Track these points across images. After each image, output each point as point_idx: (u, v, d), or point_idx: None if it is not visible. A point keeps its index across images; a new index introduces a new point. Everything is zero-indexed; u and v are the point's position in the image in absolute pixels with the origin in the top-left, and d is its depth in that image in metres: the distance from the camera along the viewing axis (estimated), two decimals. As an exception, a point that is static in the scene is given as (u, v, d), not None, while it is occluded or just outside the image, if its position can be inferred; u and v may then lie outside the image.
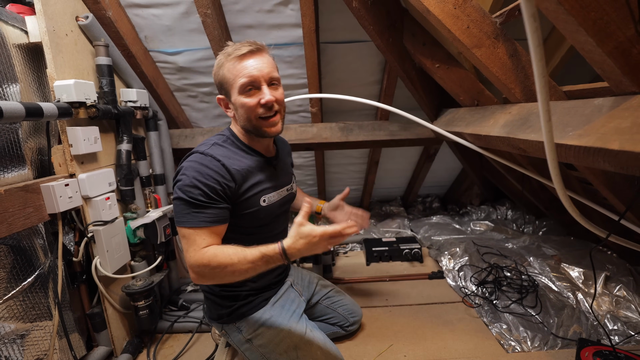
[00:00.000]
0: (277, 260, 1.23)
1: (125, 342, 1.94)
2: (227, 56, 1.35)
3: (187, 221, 1.29)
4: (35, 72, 1.67)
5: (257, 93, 1.35)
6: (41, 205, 1.53)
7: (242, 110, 1.37)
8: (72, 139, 1.64)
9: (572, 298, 2.06)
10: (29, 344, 1.51)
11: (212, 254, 1.26)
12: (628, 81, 0.85)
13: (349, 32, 2.13)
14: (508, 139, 1.34)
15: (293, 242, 1.21)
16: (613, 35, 0.79)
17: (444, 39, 1.86)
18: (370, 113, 2.77)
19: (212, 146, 1.39)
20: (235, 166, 1.37)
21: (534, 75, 0.84)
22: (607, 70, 0.88)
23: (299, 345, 1.47)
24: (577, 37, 0.84)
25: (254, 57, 1.34)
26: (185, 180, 1.29)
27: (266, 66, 1.35)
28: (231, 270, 1.25)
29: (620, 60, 0.82)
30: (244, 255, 1.24)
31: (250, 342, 1.51)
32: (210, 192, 1.30)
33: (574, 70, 2.30)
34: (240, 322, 1.54)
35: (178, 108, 2.60)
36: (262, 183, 1.46)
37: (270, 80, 1.37)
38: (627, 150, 0.78)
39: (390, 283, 2.49)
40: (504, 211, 3.60)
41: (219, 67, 1.38)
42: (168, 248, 2.27)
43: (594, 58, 0.87)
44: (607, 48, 0.80)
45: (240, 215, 1.42)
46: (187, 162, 1.34)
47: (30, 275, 1.52)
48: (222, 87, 1.41)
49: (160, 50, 2.19)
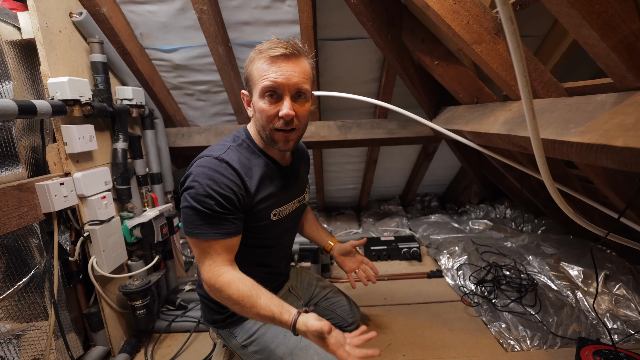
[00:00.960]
0: (284, 326, 1.18)
1: (123, 342, 1.92)
2: (259, 52, 1.23)
3: (201, 233, 1.23)
4: (28, 69, 1.64)
5: (278, 102, 1.23)
6: (36, 205, 1.51)
7: (259, 115, 1.26)
8: (66, 138, 1.62)
9: (571, 297, 2.05)
10: (25, 344, 1.49)
11: (226, 282, 1.21)
12: (632, 76, 0.83)
13: (347, 29, 2.11)
14: (508, 136, 1.33)
15: (307, 331, 1.14)
16: (617, 28, 0.77)
17: (443, 36, 1.84)
18: (368, 111, 2.76)
19: (227, 150, 1.30)
20: (249, 176, 1.30)
21: (528, 73, 0.82)
22: (610, 65, 0.86)
23: (294, 352, 1.42)
24: (581, 31, 0.82)
25: (287, 61, 1.21)
26: (198, 188, 1.20)
27: (297, 75, 1.22)
28: (238, 308, 1.22)
29: (625, 54, 0.80)
30: (255, 303, 1.19)
31: (246, 348, 1.49)
32: (227, 202, 1.22)
33: (574, 70, 2.29)
34: (234, 328, 1.51)
35: (175, 106, 2.58)
36: (274, 196, 1.38)
37: (297, 92, 1.24)
38: (631, 147, 0.76)
39: (388, 282, 2.48)
40: (502, 210, 3.59)
41: (250, 61, 1.27)
42: (165, 247, 2.25)
43: (597, 52, 0.85)
44: (611, 42, 0.79)
45: (249, 228, 1.36)
46: (200, 168, 1.24)
47: (26, 275, 1.50)
48: (247, 82, 1.30)
49: (156, 48, 2.17)
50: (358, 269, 1.79)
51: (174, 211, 2.25)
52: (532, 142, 0.96)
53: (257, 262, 1.51)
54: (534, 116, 0.90)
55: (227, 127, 2.66)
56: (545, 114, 1.18)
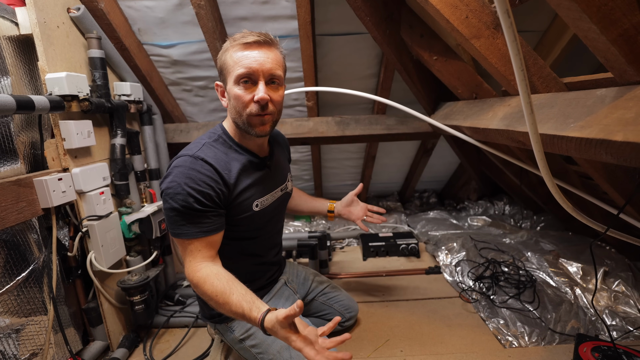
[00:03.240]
0: (253, 323, 1.16)
1: (122, 337, 1.92)
2: (232, 41, 1.28)
3: (182, 233, 1.25)
4: (26, 64, 1.64)
5: (252, 88, 1.27)
6: (34, 200, 1.51)
7: (234, 102, 1.29)
8: (65, 133, 1.62)
9: (570, 293, 2.05)
10: (24, 338, 1.50)
11: (202, 278, 1.23)
12: (633, 70, 0.83)
13: (346, 24, 2.10)
14: (507, 131, 1.32)
15: (274, 328, 1.09)
16: (618, 22, 0.77)
17: (442, 31, 1.83)
18: (367, 107, 2.75)
19: (202, 147, 1.32)
20: (227, 170, 1.32)
21: (527, 68, 0.82)
22: (610, 59, 0.86)
23: None
24: (580, 25, 0.82)
25: (259, 48, 1.26)
26: (176, 187, 1.23)
27: (270, 61, 1.27)
28: (214, 304, 1.22)
29: (625, 48, 0.80)
30: (228, 300, 1.18)
31: (243, 342, 1.49)
32: (205, 199, 1.24)
33: (573, 68, 2.29)
34: (232, 322, 1.51)
35: (173, 102, 2.57)
36: (254, 186, 1.41)
37: (271, 78, 1.29)
38: (631, 142, 0.76)
39: (386, 278, 2.47)
40: (501, 206, 3.59)
41: (223, 51, 1.31)
42: (164, 243, 2.24)
43: (597, 46, 0.85)
44: (612, 35, 0.78)
45: (232, 221, 1.38)
46: (176, 168, 1.26)
47: (24, 270, 1.50)
48: (221, 72, 1.33)
49: (154, 43, 2.16)
50: (365, 216, 1.87)
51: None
52: (530, 137, 0.95)
53: (246, 253, 1.52)
54: (531, 110, 0.90)
55: (226, 123, 2.65)
56: (545, 109, 1.17)
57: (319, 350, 1.08)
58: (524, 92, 0.86)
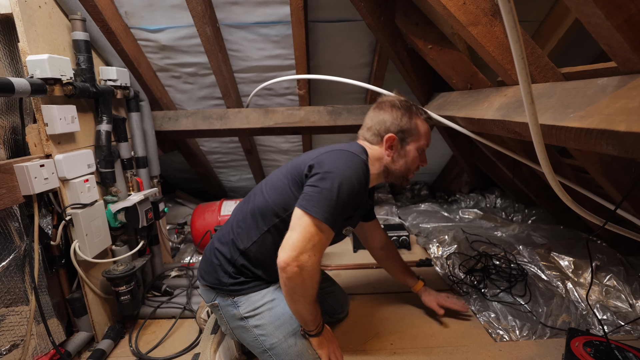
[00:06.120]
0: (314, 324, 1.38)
1: (107, 328, 1.88)
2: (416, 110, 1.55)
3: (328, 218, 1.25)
4: (6, 45, 1.57)
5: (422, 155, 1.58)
6: (15, 187, 1.45)
7: (410, 162, 1.54)
8: (47, 118, 1.56)
9: (561, 287, 2.04)
10: (5, 329, 1.46)
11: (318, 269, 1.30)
12: (637, 58, 0.80)
13: (339, 10, 2.06)
14: (503, 122, 1.29)
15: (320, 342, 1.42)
16: (623, 6, 0.73)
17: (438, 18, 1.79)
18: (359, 97, 2.72)
19: None
20: None
21: (525, 56, 0.78)
22: (614, 47, 0.82)
23: (298, 333, 1.43)
24: (584, 9, 0.78)
25: None
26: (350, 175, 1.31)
27: None
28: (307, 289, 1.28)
29: (630, 34, 0.76)
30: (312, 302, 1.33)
31: (246, 320, 1.45)
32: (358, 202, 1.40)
33: (569, 62, 2.27)
34: (239, 297, 1.47)
35: (161, 89, 2.51)
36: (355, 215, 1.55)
37: None
38: (635, 132, 0.73)
39: (377, 270, 2.45)
40: (493, 199, 3.59)
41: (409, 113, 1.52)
42: (151, 232, 2.20)
43: (601, 33, 0.81)
44: (617, 21, 0.75)
45: None
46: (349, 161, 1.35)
47: (5, 259, 1.45)
48: (405, 131, 1.51)
49: (141, 27, 2.10)
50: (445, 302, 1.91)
51: (159, 196, 2.20)
52: (530, 127, 0.92)
53: None
54: (532, 100, 0.87)
55: (215, 111, 2.58)
56: (543, 98, 1.14)
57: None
58: (524, 80, 0.83)
